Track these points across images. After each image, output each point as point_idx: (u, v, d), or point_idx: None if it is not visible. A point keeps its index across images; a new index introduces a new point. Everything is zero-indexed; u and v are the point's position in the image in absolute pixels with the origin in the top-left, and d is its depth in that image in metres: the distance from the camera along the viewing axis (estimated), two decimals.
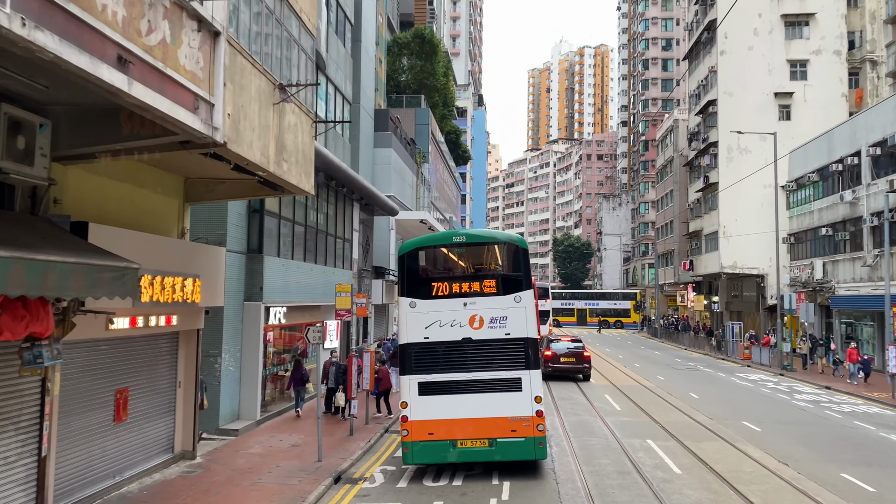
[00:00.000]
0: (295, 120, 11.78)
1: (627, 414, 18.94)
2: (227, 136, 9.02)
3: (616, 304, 71.34)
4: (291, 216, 18.95)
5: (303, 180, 12.12)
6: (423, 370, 11.79)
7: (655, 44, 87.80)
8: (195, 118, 8.23)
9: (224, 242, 15.53)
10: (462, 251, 12.44)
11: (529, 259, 12.46)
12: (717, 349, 42.38)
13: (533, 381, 11.72)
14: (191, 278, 11.49)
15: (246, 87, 9.67)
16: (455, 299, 11.88)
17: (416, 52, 47.19)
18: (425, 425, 11.67)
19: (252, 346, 16.46)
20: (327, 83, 23.40)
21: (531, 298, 12.06)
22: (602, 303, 71.77)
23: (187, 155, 10.53)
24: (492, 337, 11.80)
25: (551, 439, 14.87)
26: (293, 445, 14.46)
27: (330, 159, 19.05)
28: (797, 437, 16.15)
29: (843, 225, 34.17)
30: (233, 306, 15.96)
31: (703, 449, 14.38)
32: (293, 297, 18.61)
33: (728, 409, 20.14)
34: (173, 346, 12.59)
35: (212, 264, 12.82)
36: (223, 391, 15.54)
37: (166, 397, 12.44)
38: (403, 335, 11.97)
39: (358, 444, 14.72)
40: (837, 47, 45.58)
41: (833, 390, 25.62)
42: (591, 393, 23.03)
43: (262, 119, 10.27)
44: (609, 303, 71.82)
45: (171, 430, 12.61)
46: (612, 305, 71.24)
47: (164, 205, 12.25)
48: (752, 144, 44.75)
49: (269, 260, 16.90)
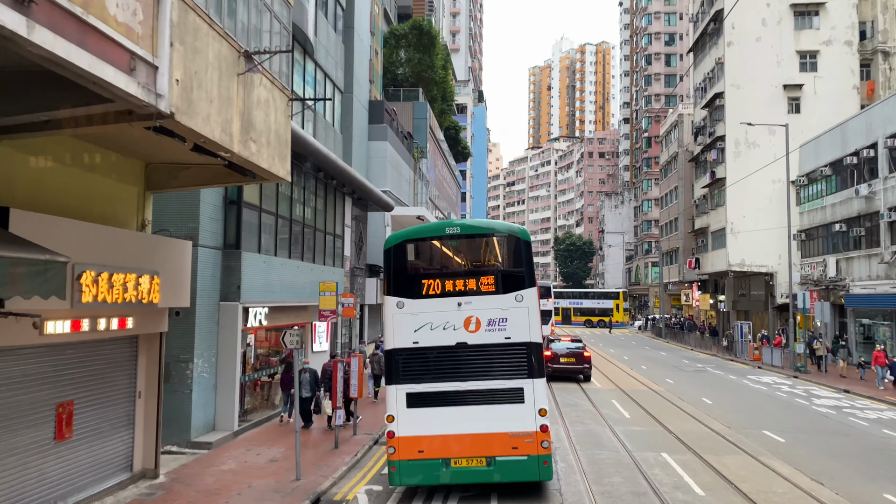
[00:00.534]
0: (266, 95, 10.37)
1: (638, 422, 17.53)
2: (175, 105, 7.62)
3: (599, 304, 70.29)
4: (274, 209, 17.55)
5: (276, 164, 10.72)
6: (412, 379, 10.38)
7: (658, 38, 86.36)
8: (130, 81, 6.83)
9: (196, 237, 14.16)
10: (456, 244, 11.01)
11: (532, 253, 11.04)
12: (727, 350, 40.93)
13: (537, 391, 10.30)
14: (147, 275, 10.09)
15: (201, 51, 8.27)
16: (448, 299, 10.47)
17: (414, 44, 45.73)
18: (414, 442, 10.27)
19: (229, 351, 15.05)
20: (316, 69, 22.00)
21: (534, 297, 10.64)
22: (586, 301, 70.84)
23: (143, 134, 9.16)
24: (490, 341, 10.39)
25: (556, 452, 13.47)
26: (271, 461, 13.06)
27: (316, 147, 17.65)
28: (825, 450, 14.73)
29: (858, 220, 32.72)
30: (207, 307, 14.57)
31: (725, 464, 12.96)
32: (276, 297, 17.21)
33: (745, 417, 18.73)
34: (131, 351, 11.19)
35: (176, 260, 11.43)
36: (196, 400, 14.14)
37: (123, 409, 11.04)
38: (390, 339, 10.56)
39: (343, 458, 13.32)
40: (849, 38, 44.08)
41: (853, 394, 24.20)
42: (597, 398, 21.61)
43: (222, 90, 8.86)
44: (593, 302, 70.81)
45: (130, 446, 11.22)
46: (596, 304, 70.21)
47: (120, 192, 10.86)
48: (760, 138, 43.29)
49: (247, 256, 15.50)
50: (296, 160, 18.29)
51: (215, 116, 8.67)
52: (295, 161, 18.34)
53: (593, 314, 69.77)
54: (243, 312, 15.37)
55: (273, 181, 11.58)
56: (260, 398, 17.75)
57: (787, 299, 38.92)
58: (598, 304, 70.42)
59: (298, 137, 15.44)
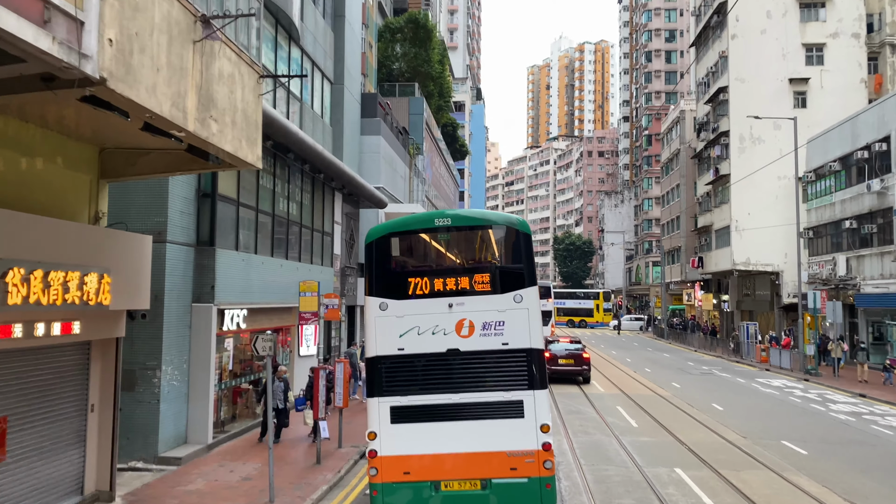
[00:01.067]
0: (231, 69, 9.13)
1: (646, 432, 16.29)
2: (107, 70, 6.40)
3: (580, 304, 69.68)
4: (254, 203, 16.32)
5: (244, 148, 9.48)
6: (397, 391, 9.13)
7: (659, 35, 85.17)
8: (42, 35, 5.61)
9: (164, 232, 12.93)
10: (447, 237, 9.72)
11: (533, 247, 9.79)
12: (734, 352, 39.68)
13: (538, 404, 9.05)
14: (95, 273, 8.85)
15: (144, 9, 7.04)
16: (438, 299, 9.22)
17: (410, 38, 44.52)
18: (400, 462, 9.02)
19: (202, 357, 13.81)
20: (303, 56, 20.77)
21: (535, 297, 9.38)
22: (569, 302, 70.17)
23: (86, 112, 8.00)
24: (485, 347, 9.13)
25: (559, 468, 12.24)
26: (244, 479, 11.82)
27: (298, 135, 16.41)
28: (853, 463, 13.51)
29: (869, 217, 31.51)
30: (177, 309, 13.33)
31: (746, 481, 11.73)
32: (256, 298, 15.97)
33: (761, 425, 17.51)
34: (82, 360, 9.95)
35: (133, 257, 10.19)
36: (164, 411, 12.90)
37: (72, 425, 9.80)
38: (371, 346, 9.31)
39: (325, 475, 12.09)
40: (856, 30, 42.91)
41: (869, 399, 22.98)
42: (601, 405, 20.37)
43: (173, 58, 7.63)
44: (575, 302, 70.06)
45: (81, 465, 9.98)
46: (578, 305, 69.46)
47: (67, 180, 9.62)
48: (765, 133, 42.11)
49: (223, 254, 14.26)
50: (277, 150, 17.10)
51: (164, 88, 7.44)
52: (277, 151, 17.15)
53: (576, 314, 69.21)
54: (218, 315, 14.14)
55: (242, 168, 10.34)
56: (241, 406, 16.53)
57: (794, 299, 37.70)
58: (580, 304, 69.90)
59: (274, 121, 14.20)
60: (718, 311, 53.00)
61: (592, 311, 69.57)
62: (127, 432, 12.63)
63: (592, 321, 69.16)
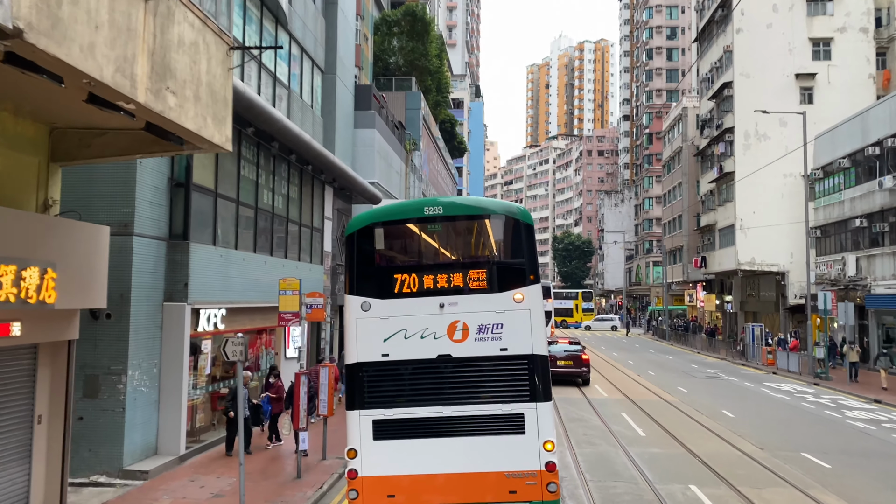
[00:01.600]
0: (193, 37, 8.03)
1: (655, 442, 15.18)
2: (26, 20, 5.29)
3: (560, 304, 69.22)
4: (235, 195, 15.21)
5: (209, 126, 8.37)
6: (381, 403, 8.04)
7: (660, 32, 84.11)
8: None
9: (131, 224, 11.83)
10: (438, 228, 8.62)
11: (535, 240, 8.69)
12: (741, 354, 38.59)
13: (541, 418, 7.96)
14: (35, 268, 7.74)
15: None
16: (428, 298, 8.13)
17: (407, 31, 43.41)
18: (383, 483, 7.94)
19: (174, 360, 12.70)
20: (291, 41, 19.66)
21: (538, 296, 8.29)
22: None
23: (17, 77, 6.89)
24: (481, 353, 8.05)
25: (562, 485, 11.12)
26: (215, 495, 10.71)
27: (281, 122, 15.30)
28: (883, 478, 12.42)
29: (881, 215, 30.43)
30: (146, 308, 12.22)
31: (769, 502, 10.63)
32: (236, 297, 14.87)
33: (776, 434, 16.42)
34: (26, 366, 8.83)
35: (86, 250, 9.07)
36: (130, 420, 11.79)
37: (15, 438, 8.67)
38: (352, 351, 8.21)
39: (304, 492, 10.98)
40: (864, 24, 41.84)
41: (886, 405, 21.90)
42: (605, 411, 19.27)
43: (118, 16, 6.52)
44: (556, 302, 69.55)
45: (25, 484, 8.85)
46: (560, 304, 69.03)
47: (11, 163, 8.51)
48: (770, 130, 41.06)
49: (198, 248, 13.15)
50: (261, 139, 16.01)
51: (104, 49, 6.33)
52: (260, 140, 16.05)
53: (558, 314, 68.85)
54: (193, 314, 13.04)
55: (209, 150, 9.21)
56: (220, 414, 15.42)
57: (801, 300, 36.68)
58: (562, 304, 69.73)
59: (254, 105, 13.10)
60: (721, 312, 51.95)
61: (572, 312, 70.38)
62: (89, 444, 11.57)
63: (572, 321, 69.87)
